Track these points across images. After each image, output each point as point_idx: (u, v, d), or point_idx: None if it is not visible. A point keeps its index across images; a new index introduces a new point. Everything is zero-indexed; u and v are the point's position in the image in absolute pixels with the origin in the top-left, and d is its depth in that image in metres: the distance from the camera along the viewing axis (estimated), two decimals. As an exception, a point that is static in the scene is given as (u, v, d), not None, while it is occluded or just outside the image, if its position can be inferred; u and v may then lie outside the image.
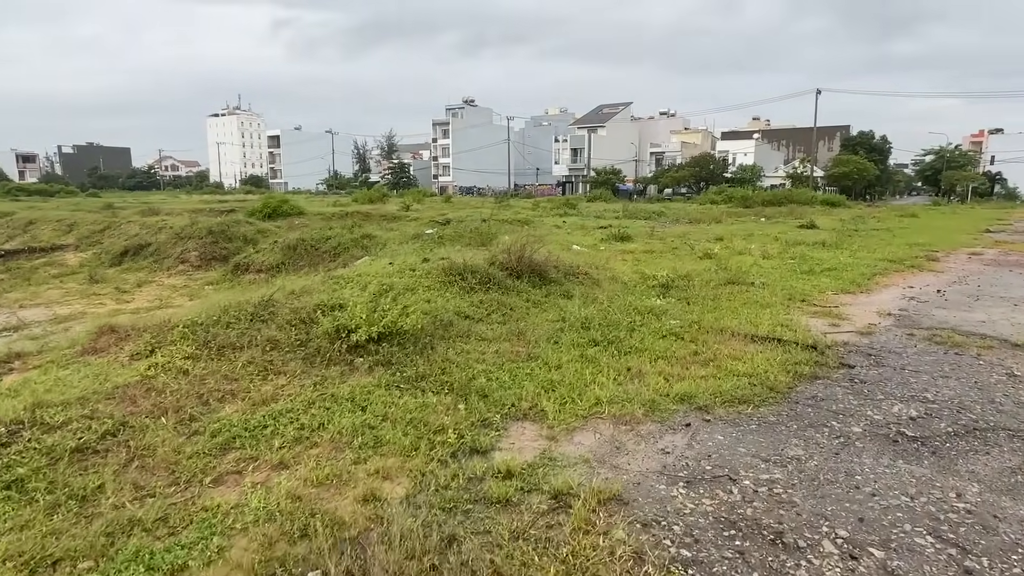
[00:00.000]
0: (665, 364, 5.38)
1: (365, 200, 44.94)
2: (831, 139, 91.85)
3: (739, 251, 14.34)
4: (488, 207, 38.54)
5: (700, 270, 11.09)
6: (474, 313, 6.44)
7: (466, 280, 7.16)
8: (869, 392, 4.69)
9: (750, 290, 9.22)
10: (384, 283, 6.66)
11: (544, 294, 7.85)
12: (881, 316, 7.50)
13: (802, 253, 13.45)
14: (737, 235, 19.72)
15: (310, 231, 14.27)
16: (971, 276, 10.90)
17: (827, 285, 9.68)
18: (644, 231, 20.42)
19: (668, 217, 30.57)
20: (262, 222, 22.37)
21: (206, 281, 14.13)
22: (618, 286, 9.26)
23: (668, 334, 6.43)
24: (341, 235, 13.34)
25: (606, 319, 6.84)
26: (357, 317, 5.04)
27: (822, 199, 43.15)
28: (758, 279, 10.19)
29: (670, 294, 8.89)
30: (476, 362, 5.18)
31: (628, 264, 11.96)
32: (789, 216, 30.38)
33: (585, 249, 14.99)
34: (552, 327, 6.47)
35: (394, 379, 4.63)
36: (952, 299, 8.68)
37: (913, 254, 13.99)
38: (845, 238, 17.94)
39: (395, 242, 12.83)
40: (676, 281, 9.60)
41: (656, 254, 14.05)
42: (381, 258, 10.93)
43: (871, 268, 11.40)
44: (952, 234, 20.75)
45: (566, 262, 9.56)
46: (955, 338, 6.28)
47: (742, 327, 6.77)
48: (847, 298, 8.81)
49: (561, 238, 17.82)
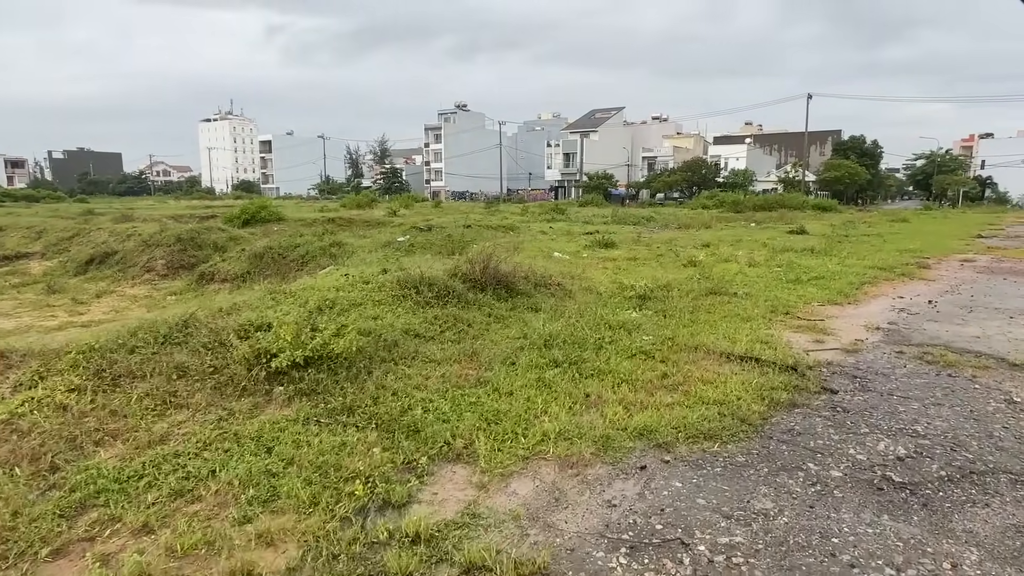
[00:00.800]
0: (629, 389, 4.84)
1: (353, 205, 44.54)
2: (823, 144, 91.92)
3: (725, 258, 13.86)
4: (477, 212, 38.10)
5: (682, 279, 10.59)
6: (425, 331, 5.89)
7: (421, 294, 6.61)
8: (852, 424, 4.17)
9: (732, 301, 8.72)
10: (327, 298, 6.11)
11: (509, 307, 7.31)
12: (869, 331, 7.00)
13: (789, 260, 12.98)
14: (725, 241, 19.27)
15: (278, 239, 13.69)
16: (964, 285, 10.44)
17: (813, 295, 9.19)
18: (631, 237, 19.96)
19: (657, 222, 30.14)
20: (238, 229, 21.76)
21: (170, 291, 13.52)
22: (592, 297, 8.74)
23: (638, 353, 5.90)
24: (310, 243, 12.75)
25: (573, 336, 6.31)
26: (281, 339, 4.49)
27: (813, 204, 42.85)
28: (741, 289, 9.70)
29: (647, 306, 8.38)
30: (416, 389, 4.63)
31: (608, 273, 11.45)
32: (779, 221, 29.98)
33: (566, 256, 14.49)
34: (512, 345, 5.93)
35: (315, 412, 4.07)
36: (944, 311, 8.20)
37: (904, 261, 13.55)
38: (835, 244, 17.50)
39: (366, 250, 12.27)
40: (655, 292, 9.09)
41: (639, 262, 13.55)
42: (346, 267, 10.37)
43: (860, 277, 10.92)
44: (943, 239, 20.36)
45: (538, 272, 9.03)
46: (948, 357, 5.77)
47: (719, 344, 6.26)
48: (834, 310, 8.31)
49: (544, 245, 17.32)
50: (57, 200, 59.20)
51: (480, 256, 7.92)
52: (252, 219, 23.11)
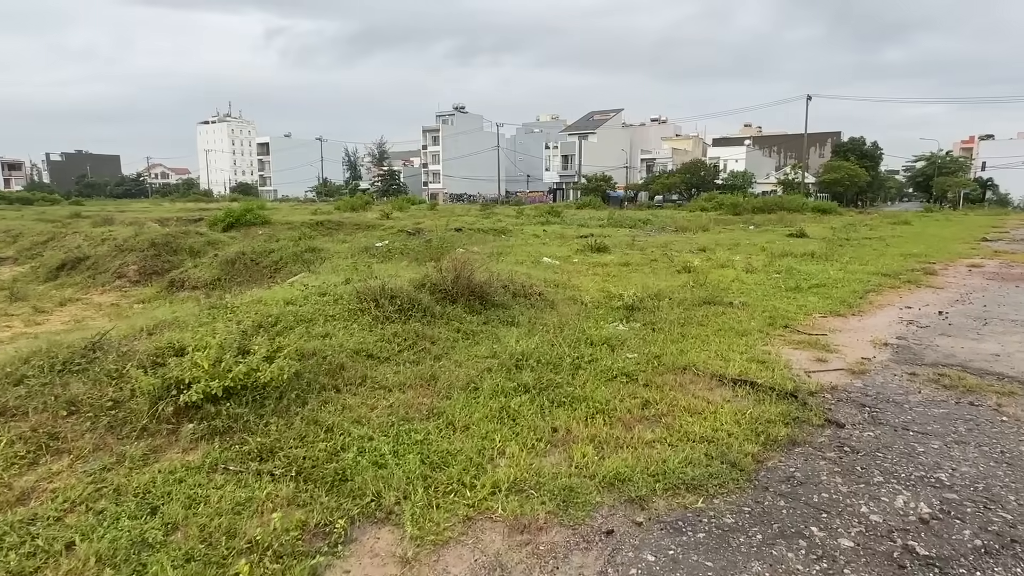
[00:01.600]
0: (603, 423, 4.20)
1: (347, 208, 43.91)
2: (822, 145, 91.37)
3: (721, 263, 13.23)
4: (472, 215, 37.45)
5: (675, 287, 9.97)
6: (380, 351, 5.25)
7: (381, 307, 5.97)
8: (863, 470, 3.53)
9: (727, 312, 8.09)
10: (272, 314, 5.47)
11: (481, 322, 6.67)
12: (876, 347, 6.36)
13: (789, 266, 12.34)
14: (722, 245, 18.65)
15: (252, 244, 13.06)
16: (974, 293, 9.80)
17: (814, 305, 8.55)
18: (625, 241, 19.32)
19: (654, 225, 29.51)
20: (222, 232, 21.17)
21: (138, 299, 12.88)
22: (576, 308, 8.10)
23: (619, 375, 5.26)
24: (284, 249, 12.12)
25: (548, 354, 5.67)
26: (196, 367, 3.85)
27: (813, 206, 42.22)
28: (737, 298, 9.06)
29: (634, 318, 7.74)
30: (356, 423, 3.98)
31: (597, 280, 10.82)
32: (779, 224, 29.36)
33: (556, 261, 13.87)
34: (479, 366, 5.30)
35: (226, 455, 3.43)
36: (956, 323, 7.56)
37: (909, 267, 12.91)
38: (836, 248, 16.87)
39: (342, 256, 11.63)
40: (644, 301, 8.45)
41: (632, 267, 12.92)
42: (316, 275, 9.74)
43: (864, 284, 10.29)
44: (948, 243, 19.73)
45: (519, 280, 8.39)
46: (967, 380, 5.13)
47: (710, 364, 5.62)
48: (837, 322, 7.68)
49: (534, 249, 16.69)
50: (51, 203, 58.67)
51: (453, 264, 7.28)
52: (237, 222, 22.49)
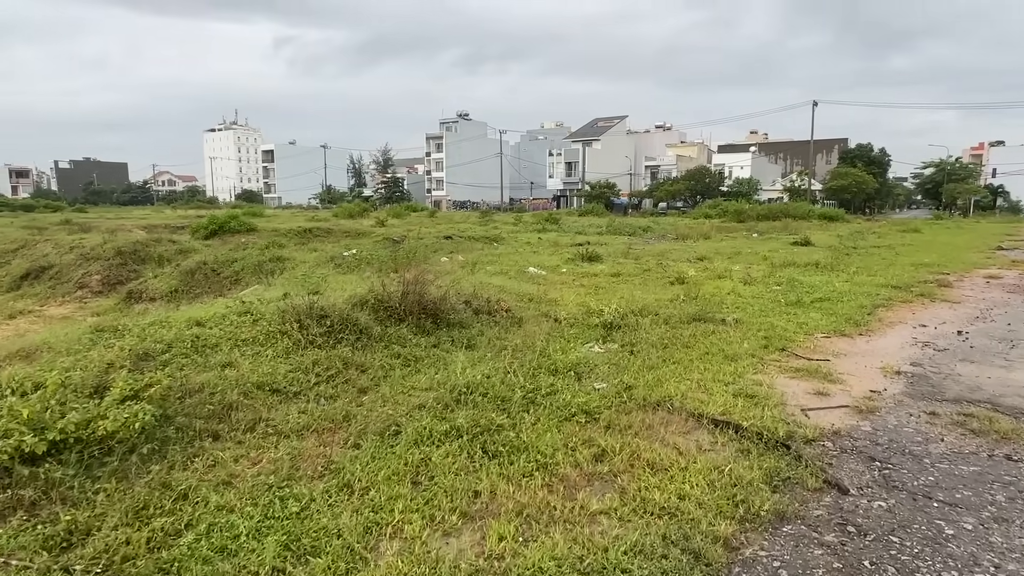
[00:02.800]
0: (542, 483, 3.32)
1: (345, 215, 43.45)
2: (829, 152, 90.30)
3: (718, 274, 12.32)
4: (470, 222, 36.71)
5: (664, 300, 9.08)
6: (291, 384, 4.38)
7: (306, 330, 5.12)
8: (875, 566, 2.62)
9: (718, 331, 7.18)
10: (168, 339, 4.62)
11: (430, 344, 5.80)
12: (887, 376, 5.44)
13: (790, 277, 11.41)
14: (722, 253, 17.73)
15: (216, 253, 12.28)
16: (995, 309, 8.84)
17: (816, 323, 7.63)
18: (621, 249, 18.44)
19: (655, 232, 28.63)
20: (204, 240, 20.49)
21: (94, 310, 12.10)
22: (548, 327, 7.22)
23: (579, 412, 4.38)
24: (248, 258, 11.33)
25: (499, 386, 4.79)
26: (12, 417, 3.00)
27: (819, 213, 41.20)
28: (731, 314, 8.16)
29: (612, 337, 6.85)
30: (221, 487, 3.12)
31: (582, 292, 9.94)
32: (783, 231, 28.41)
33: (542, 272, 13.02)
34: (410, 402, 4.43)
35: (15, 542, 2.57)
36: (979, 345, 6.62)
37: (920, 278, 11.95)
38: (842, 258, 15.91)
39: (309, 265, 10.81)
40: (627, 318, 7.57)
41: (622, 278, 12.04)
42: (272, 287, 8.92)
43: (872, 298, 9.35)
44: (961, 252, 18.72)
45: (485, 295, 7.53)
46: (1000, 423, 4.21)
47: (689, 397, 4.73)
48: (842, 343, 6.75)
49: (522, 258, 15.86)
50: (54, 210, 58.67)
51: (403, 278, 6.43)
52: (220, 230, 21.77)
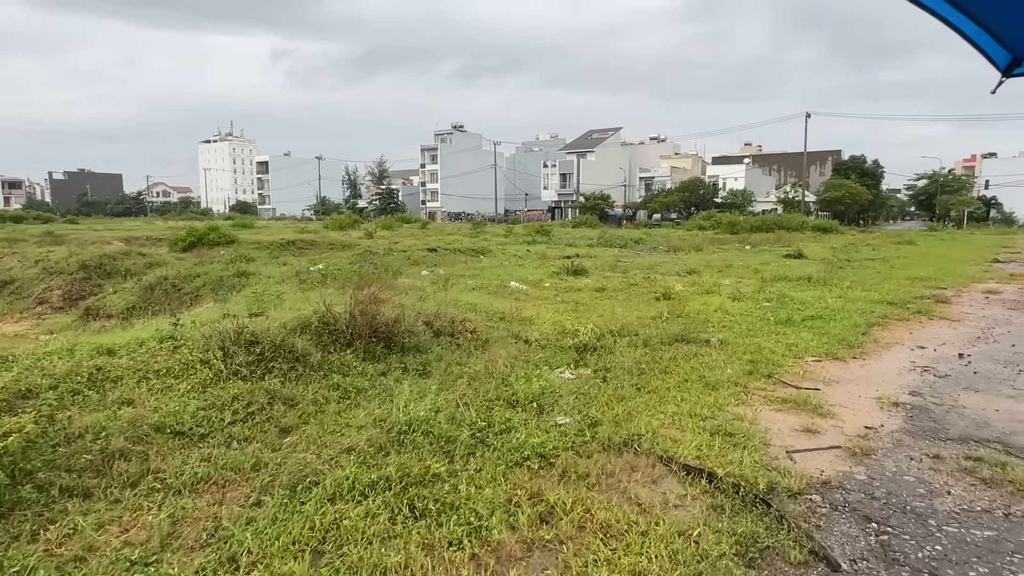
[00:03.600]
0: (468, 557, 2.74)
1: (335, 226, 43.03)
2: (823, 164, 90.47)
3: (706, 289, 11.81)
4: (462, 234, 36.26)
5: (647, 318, 8.54)
6: (200, 424, 3.81)
7: (231, 358, 4.54)
8: None
9: (701, 353, 6.64)
10: (54, 373, 4.04)
11: (378, 372, 5.23)
12: (884, 409, 4.89)
13: (781, 292, 10.89)
14: (713, 267, 17.25)
15: (178, 268, 11.70)
16: (997, 328, 8.32)
17: (807, 344, 7.09)
18: (609, 262, 17.94)
19: (647, 244, 28.17)
20: (182, 252, 19.93)
21: (50, 328, 11.49)
22: (517, 350, 6.66)
23: (532, 456, 3.81)
24: (212, 272, 10.76)
25: (446, 422, 4.23)
26: None
27: (813, 224, 40.88)
28: (717, 334, 7.62)
29: (586, 361, 6.30)
30: (64, 567, 2.53)
31: (561, 310, 9.39)
32: (776, 243, 27.99)
33: (524, 287, 12.49)
34: (339, 445, 3.85)
35: None
36: (983, 371, 6.09)
37: (917, 293, 11.45)
38: (835, 271, 15.43)
39: (274, 280, 10.24)
40: (604, 339, 7.03)
41: (606, 293, 11.52)
42: (226, 304, 8.34)
43: (866, 315, 8.83)
44: (957, 265, 18.28)
45: (450, 315, 6.96)
46: (1013, 470, 3.65)
47: (661, 435, 4.17)
48: (834, 368, 6.21)
49: (506, 272, 15.34)
50: (45, 221, 58.20)
51: (356, 297, 5.86)
52: (199, 242, 21.20)
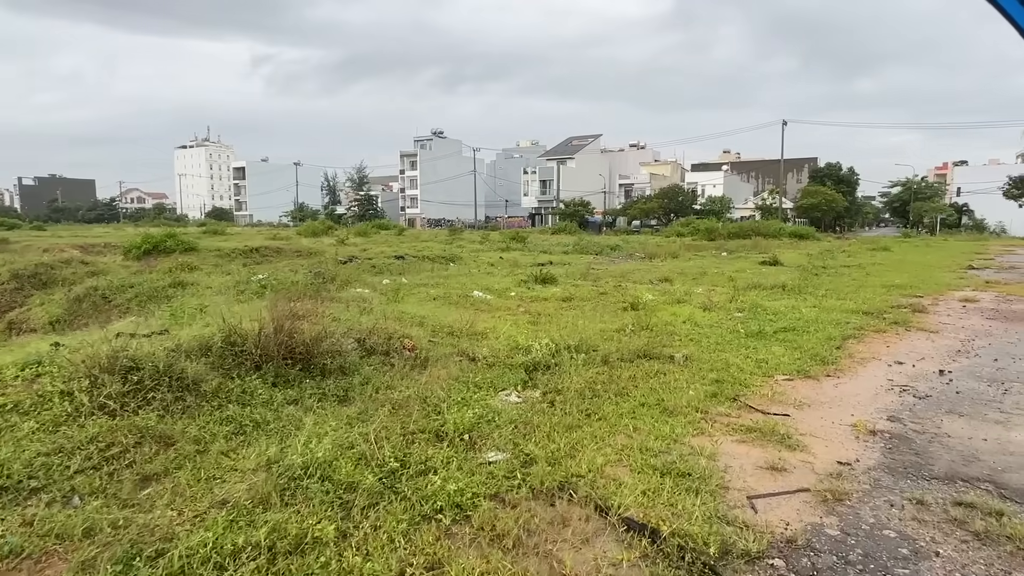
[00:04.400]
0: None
1: (309, 233, 42.15)
2: (800, 171, 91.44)
3: (677, 298, 11.27)
4: (438, 240, 35.58)
5: (611, 331, 7.96)
6: (36, 474, 3.09)
7: (100, 388, 3.83)
8: None
9: (663, 372, 6.06)
10: None
11: (288, 400, 4.54)
12: (860, 438, 4.34)
13: (754, 302, 10.40)
14: (687, 274, 16.79)
15: (113, 278, 10.87)
16: (977, 340, 7.88)
17: (778, 360, 6.55)
18: (581, 270, 17.40)
19: (623, 251, 27.76)
20: (136, 261, 19.00)
21: (-31, 344, 10.55)
22: (460, 369, 6.00)
23: (447, 507, 3.17)
24: (144, 283, 9.96)
25: (350, 464, 3.56)
26: None
27: (790, 231, 40.97)
28: (683, 348, 7.06)
29: (537, 381, 5.68)
30: None
31: (520, 322, 8.76)
32: (753, 250, 27.76)
33: (488, 296, 11.88)
34: (209, 498, 3.17)
35: None
36: (966, 389, 5.59)
37: (893, 302, 11.05)
38: (811, 279, 15.06)
39: (213, 291, 9.48)
40: (560, 355, 6.42)
41: (573, 303, 10.93)
42: (150, 318, 7.58)
43: (841, 327, 8.35)
44: (932, 271, 18.06)
45: (389, 331, 6.29)
46: (1010, 519, 3.09)
47: (604, 477, 3.56)
48: (805, 388, 5.66)
49: (472, 280, 14.71)
50: (9, 227, 56.70)
51: (272, 313, 5.17)
52: (155, 249, 20.22)
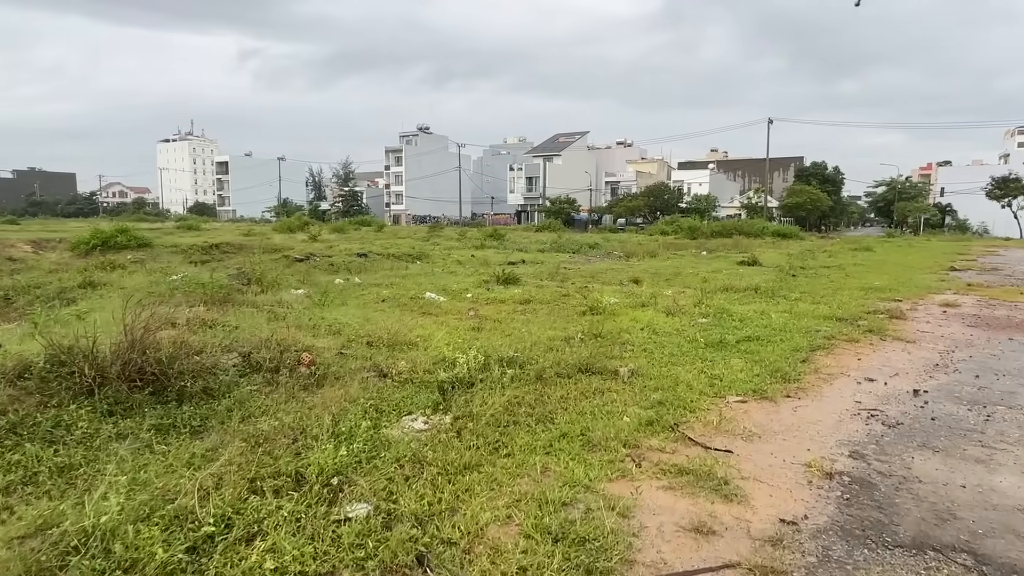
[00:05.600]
0: None
1: (284, 229, 41.25)
2: (785, 170, 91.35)
3: (642, 302, 10.51)
4: (416, 237, 34.70)
5: (559, 339, 7.18)
6: None
7: None
8: None
9: (602, 390, 5.28)
10: None
11: (117, 434, 3.70)
12: (813, 483, 3.57)
13: (721, 307, 9.65)
14: (661, 274, 16.08)
15: (16, 278, 9.90)
16: (957, 351, 7.18)
17: (734, 377, 5.78)
18: (550, 270, 16.63)
19: (601, 250, 27.02)
20: (81, 257, 17.95)
21: None
22: (363, 388, 5.17)
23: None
24: (53, 283, 9.02)
25: (161, 524, 2.73)
26: None
27: (773, 230, 40.52)
28: (632, 360, 6.28)
29: (452, 403, 4.88)
30: None
31: (462, 329, 7.94)
32: (733, 249, 27.16)
33: (441, 298, 11.07)
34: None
35: None
36: (942, 415, 4.85)
37: (870, 307, 10.36)
38: (787, 280, 14.38)
39: (129, 292, 8.55)
40: (488, 369, 5.62)
41: (530, 306, 10.15)
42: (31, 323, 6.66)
43: (810, 336, 7.61)
44: (913, 273, 17.48)
45: (284, 343, 5.45)
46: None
47: (483, 543, 2.76)
48: (759, 413, 4.89)
49: (432, 280, 13.91)
50: (-20, 222, 55.36)
51: (124, 324, 4.31)
52: (104, 245, 19.16)
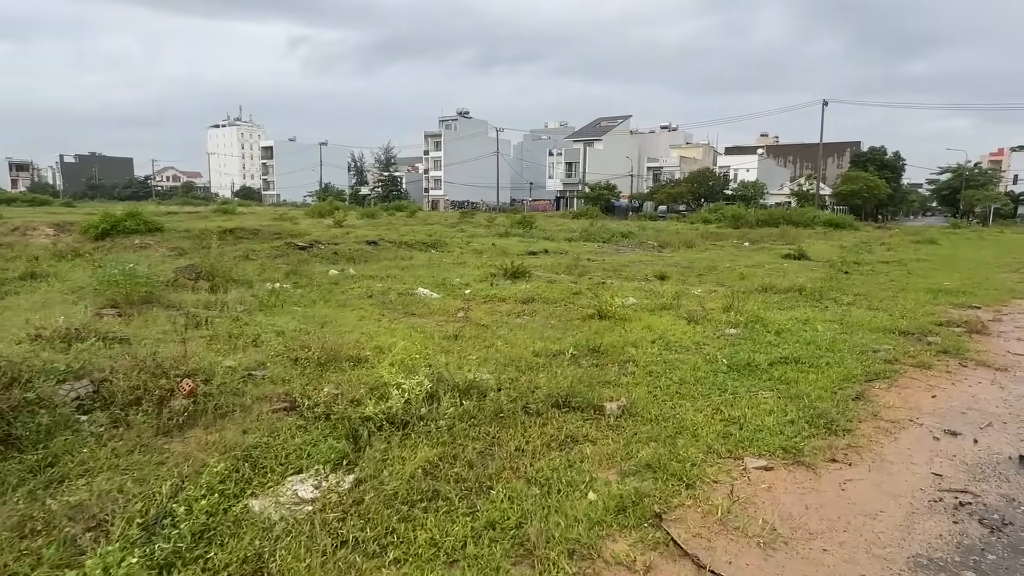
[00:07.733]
0: None
1: (315, 214, 41.15)
2: (841, 155, 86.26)
3: (663, 303, 9.04)
4: (444, 224, 33.77)
5: (549, 353, 5.86)
6: None
7: None
8: None
9: (576, 437, 3.95)
10: None
11: None
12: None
13: (756, 313, 8.07)
14: (694, 268, 14.43)
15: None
16: (1066, 385, 5.49)
17: (760, 421, 4.32)
18: (569, 262, 15.19)
19: (634, 240, 25.27)
20: (94, 241, 17.61)
21: None
22: (253, 428, 3.96)
23: None
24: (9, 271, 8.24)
25: None
26: None
27: (825, 219, 37.59)
28: (629, 389, 4.90)
29: (361, 456, 3.65)
30: None
31: (437, 337, 6.70)
32: (779, 240, 24.98)
33: (435, 295, 9.91)
34: None
35: None
36: (1065, 500, 3.32)
37: (941, 315, 8.55)
38: (838, 279, 12.53)
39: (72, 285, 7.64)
40: (437, 399, 4.36)
41: (532, 306, 8.87)
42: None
43: (866, 359, 6.02)
44: (989, 271, 15.25)
45: (163, 367, 4.32)
46: None
47: None
48: (790, 491, 3.45)
49: (438, 272, 12.76)
50: (41, 204, 58.13)
51: None
52: (113, 230, 18.78)
